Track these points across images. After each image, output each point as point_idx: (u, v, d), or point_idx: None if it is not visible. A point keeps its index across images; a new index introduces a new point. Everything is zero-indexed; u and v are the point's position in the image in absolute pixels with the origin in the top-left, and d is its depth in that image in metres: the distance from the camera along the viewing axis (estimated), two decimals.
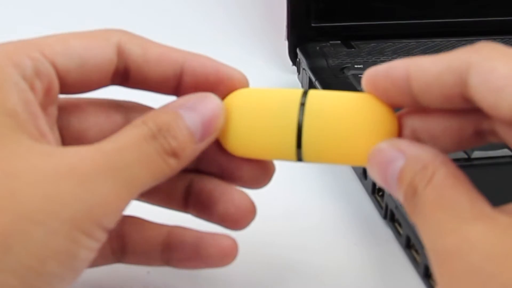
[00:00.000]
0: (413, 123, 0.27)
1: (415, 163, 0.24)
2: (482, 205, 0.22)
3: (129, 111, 0.30)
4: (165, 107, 0.27)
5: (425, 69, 0.25)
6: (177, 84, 0.28)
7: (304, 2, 0.52)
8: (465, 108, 0.25)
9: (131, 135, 0.25)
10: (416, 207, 0.24)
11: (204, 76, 0.28)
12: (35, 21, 0.62)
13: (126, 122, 0.29)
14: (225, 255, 0.29)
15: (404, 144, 0.25)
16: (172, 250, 0.29)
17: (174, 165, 0.26)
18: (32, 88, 0.25)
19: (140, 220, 0.30)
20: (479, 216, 0.22)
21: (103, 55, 0.27)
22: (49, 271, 0.22)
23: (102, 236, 0.24)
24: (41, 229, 0.22)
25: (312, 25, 0.53)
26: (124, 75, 0.28)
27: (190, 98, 0.27)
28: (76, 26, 0.30)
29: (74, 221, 0.22)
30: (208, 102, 0.27)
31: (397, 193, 0.25)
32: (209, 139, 0.27)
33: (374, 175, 0.26)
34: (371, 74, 0.26)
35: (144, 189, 0.25)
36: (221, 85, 0.28)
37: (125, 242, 0.29)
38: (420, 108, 0.26)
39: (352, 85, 0.46)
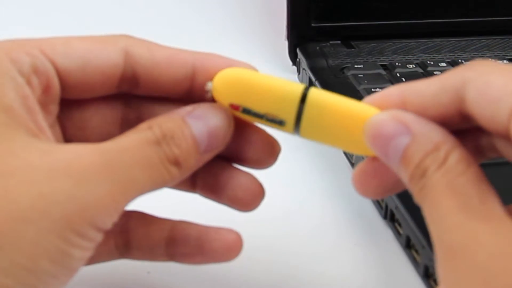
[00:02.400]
0: None
1: (425, 143, 0.23)
2: (492, 201, 0.22)
3: (129, 97, 0.29)
4: (172, 114, 0.26)
5: (420, 92, 0.25)
6: (189, 86, 0.28)
7: (304, 2, 0.52)
8: (462, 128, 0.25)
9: (134, 138, 0.25)
10: (423, 190, 0.23)
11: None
12: (35, 23, 0.62)
13: (127, 107, 0.29)
14: (229, 249, 0.29)
15: (409, 118, 0.24)
16: (176, 245, 0.29)
17: (175, 174, 0.25)
18: (29, 84, 0.25)
19: (144, 214, 0.30)
20: (489, 213, 0.22)
21: (107, 58, 0.27)
22: (42, 270, 0.22)
23: (97, 236, 0.24)
24: (32, 228, 0.22)
25: (312, 25, 0.53)
26: (133, 81, 0.28)
27: (199, 107, 0.27)
28: (75, 28, 0.30)
29: (66, 221, 0.22)
30: (216, 113, 0.27)
31: (399, 170, 0.24)
32: (214, 151, 0.27)
33: (373, 147, 0.25)
34: (368, 102, 0.26)
35: (143, 193, 0.25)
36: None
37: (129, 237, 0.29)
38: None
39: (352, 85, 0.46)
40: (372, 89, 0.45)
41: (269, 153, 0.29)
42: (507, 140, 0.23)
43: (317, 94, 0.26)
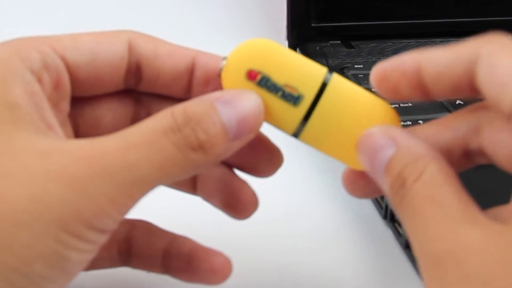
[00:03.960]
0: None
1: (406, 154, 0.24)
2: (473, 209, 0.22)
3: (141, 94, 0.29)
4: (199, 98, 0.25)
5: (436, 60, 0.25)
6: (188, 81, 0.28)
7: (304, 2, 0.52)
8: (472, 98, 0.25)
9: (147, 130, 0.24)
10: (403, 200, 0.23)
11: (216, 72, 0.28)
12: (37, 23, 0.62)
13: (139, 104, 0.29)
14: (214, 272, 0.29)
15: (397, 132, 0.25)
16: (171, 259, 0.29)
17: (199, 161, 0.24)
18: (40, 81, 0.25)
19: (148, 224, 0.30)
20: (472, 219, 0.21)
21: (114, 51, 0.27)
22: (37, 273, 0.22)
23: (98, 237, 0.23)
24: (25, 231, 0.21)
25: (312, 25, 0.53)
26: (137, 74, 0.28)
27: (228, 92, 0.25)
28: (74, 28, 0.30)
29: (60, 223, 0.22)
30: (247, 98, 0.25)
31: (382, 181, 0.24)
32: (244, 139, 0.25)
33: (362, 159, 0.25)
34: (380, 69, 0.26)
35: (153, 187, 0.24)
36: None
37: (131, 245, 0.29)
38: (410, 130, 0.26)
39: None
40: (372, 89, 0.44)
41: (272, 163, 0.29)
42: (506, 126, 0.23)
43: (340, 78, 0.26)
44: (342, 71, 0.48)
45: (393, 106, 0.27)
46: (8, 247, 0.21)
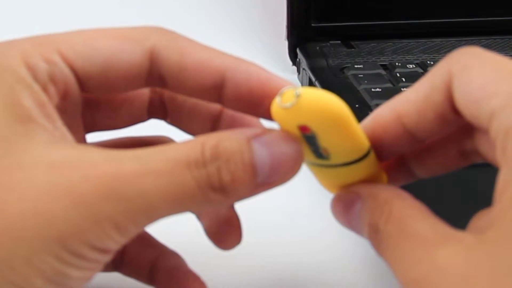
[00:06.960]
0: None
1: (371, 202, 0.24)
2: (443, 228, 0.22)
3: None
4: (236, 132, 0.23)
5: (411, 99, 0.25)
6: (218, 96, 0.26)
7: (304, 2, 0.52)
8: (462, 125, 0.25)
9: (169, 158, 0.22)
10: (381, 244, 0.23)
11: (248, 91, 0.25)
12: (38, 19, 0.62)
13: (153, 92, 0.29)
14: None
15: (359, 187, 0.25)
16: (156, 272, 0.30)
17: (217, 200, 0.23)
18: (45, 91, 0.24)
19: (144, 234, 0.30)
20: (442, 239, 0.22)
21: (131, 60, 0.25)
22: None
23: (99, 257, 0.22)
24: (25, 247, 0.21)
25: (312, 25, 0.53)
26: (160, 80, 0.26)
27: (270, 133, 0.24)
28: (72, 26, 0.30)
29: (60, 241, 0.21)
30: (287, 146, 0.24)
31: (364, 234, 0.25)
32: (272, 186, 0.24)
33: (340, 222, 0.26)
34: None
35: (163, 217, 0.23)
36: (266, 100, 0.25)
37: (124, 252, 0.30)
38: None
39: (352, 85, 0.46)
40: (372, 89, 0.45)
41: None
42: (488, 138, 0.23)
43: (370, 160, 0.26)
44: (342, 71, 0.48)
45: None
46: (7, 262, 0.21)
